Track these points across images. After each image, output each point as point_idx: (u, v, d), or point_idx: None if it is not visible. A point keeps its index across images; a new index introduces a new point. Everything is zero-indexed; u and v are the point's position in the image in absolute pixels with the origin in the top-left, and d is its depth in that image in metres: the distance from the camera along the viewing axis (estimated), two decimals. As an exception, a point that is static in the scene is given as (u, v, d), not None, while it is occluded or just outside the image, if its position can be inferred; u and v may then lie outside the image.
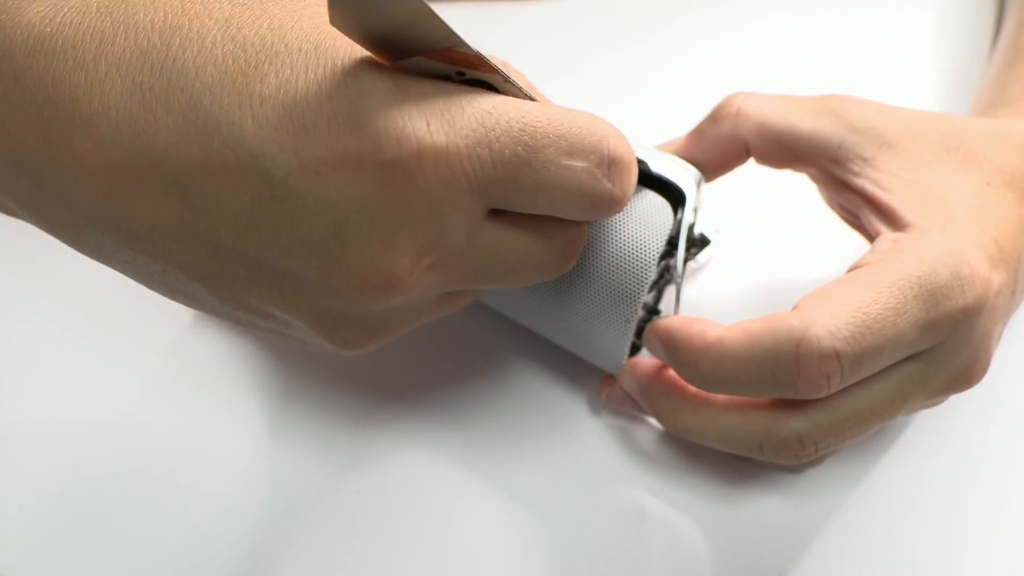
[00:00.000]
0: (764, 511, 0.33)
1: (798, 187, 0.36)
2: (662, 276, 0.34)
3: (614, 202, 0.26)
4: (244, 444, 0.34)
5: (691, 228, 0.33)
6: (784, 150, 0.33)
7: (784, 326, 0.27)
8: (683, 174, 0.32)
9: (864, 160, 0.31)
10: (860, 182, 0.31)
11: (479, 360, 0.36)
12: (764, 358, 0.27)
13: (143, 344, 0.37)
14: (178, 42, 0.22)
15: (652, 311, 0.36)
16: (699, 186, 0.33)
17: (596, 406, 0.35)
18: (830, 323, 0.27)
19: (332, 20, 0.21)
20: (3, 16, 0.22)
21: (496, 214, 0.25)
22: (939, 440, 0.34)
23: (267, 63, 0.22)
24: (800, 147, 0.32)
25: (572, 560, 0.32)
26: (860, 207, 0.31)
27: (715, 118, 0.34)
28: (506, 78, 0.25)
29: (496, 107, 0.24)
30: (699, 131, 0.35)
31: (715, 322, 0.30)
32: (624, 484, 0.34)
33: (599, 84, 0.44)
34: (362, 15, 0.21)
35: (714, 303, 0.38)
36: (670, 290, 0.36)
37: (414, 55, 0.23)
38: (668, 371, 0.33)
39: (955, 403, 0.33)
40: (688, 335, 0.30)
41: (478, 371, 0.36)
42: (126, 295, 0.37)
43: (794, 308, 0.28)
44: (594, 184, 0.25)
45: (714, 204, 0.39)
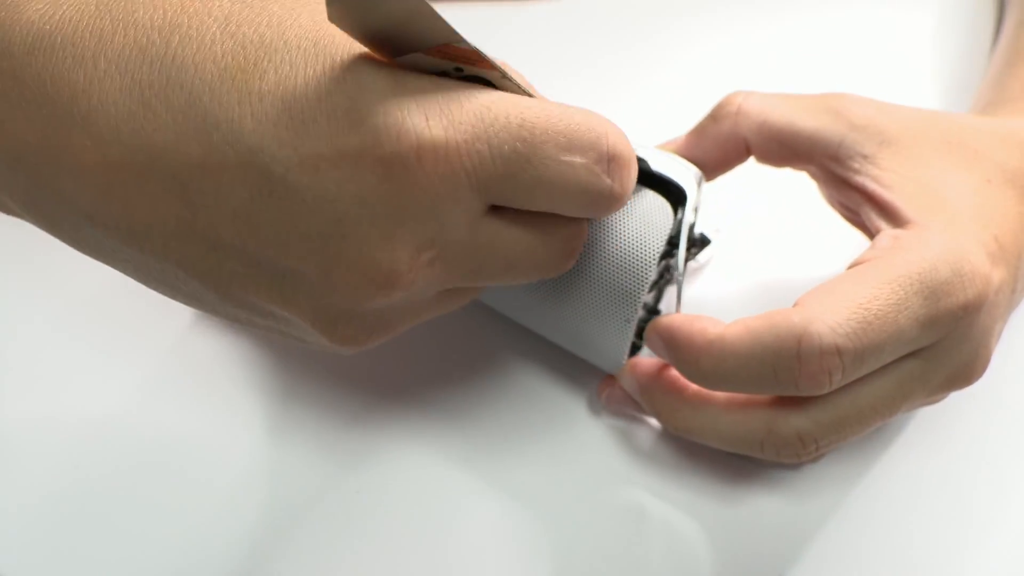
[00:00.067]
0: (764, 510, 0.33)
1: (798, 186, 0.36)
2: (662, 276, 0.34)
3: (614, 198, 0.26)
4: (244, 443, 0.34)
5: (691, 227, 0.33)
6: (784, 148, 0.33)
7: (785, 322, 0.27)
8: (684, 173, 0.32)
9: (864, 158, 0.31)
10: (861, 180, 0.31)
11: (479, 360, 0.36)
12: (765, 355, 0.27)
13: (143, 344, 0.36)
14: (177, 39, 0.22)
15: (652, 311, 0.36)
16: (700, 185, 0.33)
17: (596, 406, 0.35)
18: (831, 319, 0.27)
19: (331, 17, 0.21)
20: (2, 14, 0.22)
21: (496, 210, 0.25)
22: (939, 438, 0.34)
23: (266, 60, 0.22)
24: (800, 145, 0.32)
25: (572, 560, 0.32)
26: (861, 204, 0.31)
27: (715, 117, 0.34)
28: (504, 75, 0.25)
29: (495, 103, 0.24)
30: (699, 130, 0.35)
31: (716, 319, 0.30)
32: (624, 484, 0.33)
33: (599, 84, 0.44)
34: (360, 12, 0.21)
35: (715, 302, 0.38)
36: (670, 290, 0.36)
37: (412, 51, 0.23)
38: (668, 370, 0.33)
39: (955, 401, 0.33)
40: (689, 332, 0.30)
41: (478, 371, 0.36)
42: (125, 295, 0.37)
43: (795, 305, 0.28)
44: (593, 180, 0.25)
45: (714, 203, 0.39)
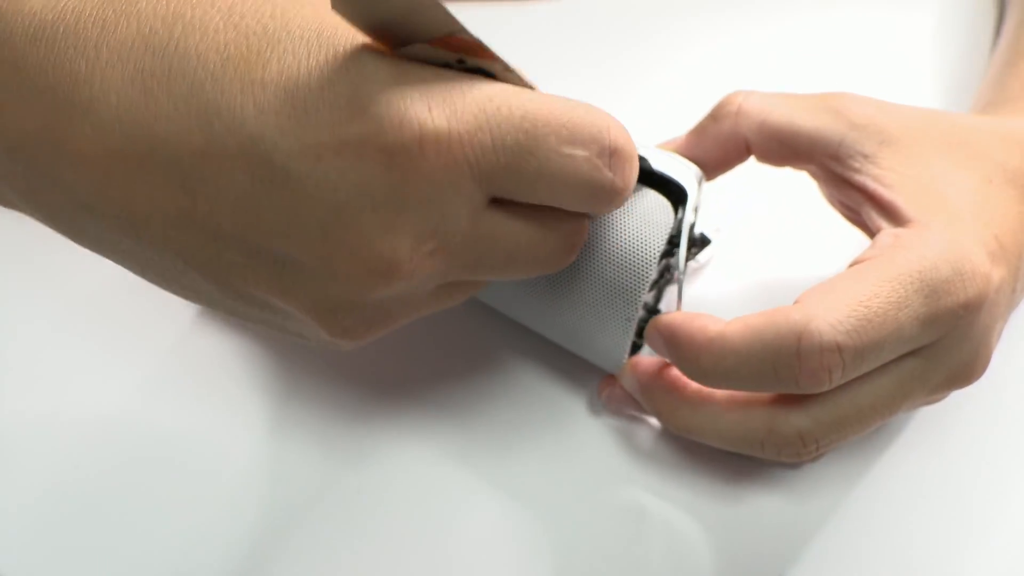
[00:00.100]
0: (764, 509, 0.33)
1: (798, 185, 0.36)
2: (662, 275, 0.34)
3: (615, 193, 0.26)
4: (244, 443, 0.34)
5: (692, 227, 0.33)
6: (785, 148, 0.33)
7: (786, 320, 0.27)
8: (684, 172, 0.32)
9: (865, 157, 0.31)
10: (861, 179, 0.31)
11: (479, 359, 0.36)
12: (765, 352, 0.27)
13: (143, 343, 0.36)
14: (180, 28, 0.22)
15: (652, 311, 0.36)
16: (700, 184, 0.33)
17: (596, 406, 0.35)
18: (831, 316, 0.27)
19: (334, 6, 0.21)
20: (4, 3, 0.22)
21: (497, 203, 0.25)
22: (940, 438, 0.34)
23: (269, 50, 0.22)
24: (801, 144, 0.32)
25: (572, 559, 0.32)
26: (861, 204, 0.31)
27: (715, 116, 0.34)
28: (506, 67, 0.25)
29: (498, 94, 0.24)
30: (700, 129, 0.35)
31: (717, 317, 0.30)
32: (624, 483, 0.33)
33: (600, 83, 0.44)
34: (364, 2, 0.21)
35: (715, 302, 0.38)
36: (671, 290, 0.36)
37: (415, 42, 0.23)
38: (669, 369, 0.33)
39: (956, 400, 0.33)
40: (689, 330, 0.30)
41: (478, 370, 0.36)
42: (125, 294, 0.37)
43: (795, 303, 0.28)
44: (595, 174, 0.25)
45: (715, 203, 0.39)
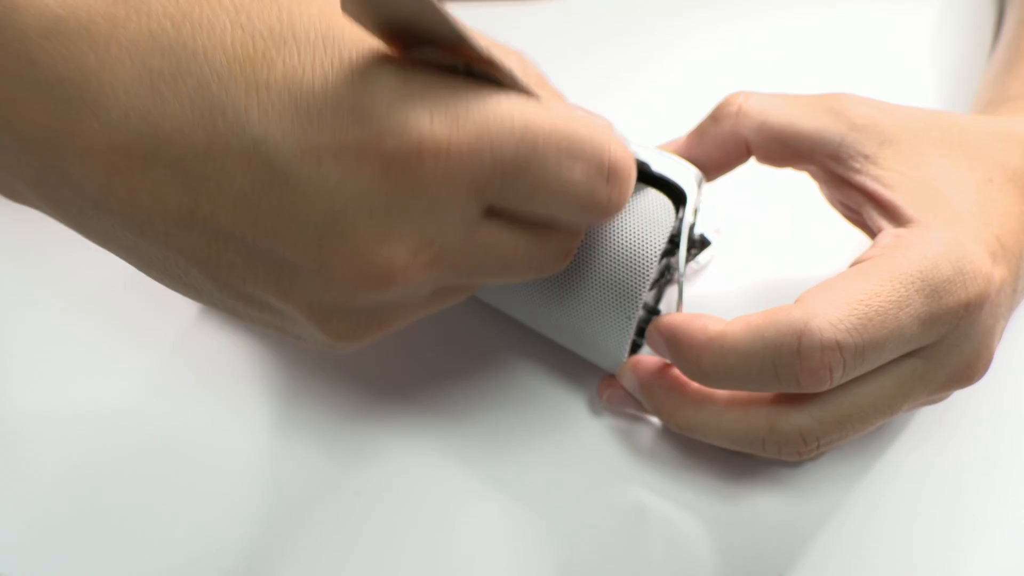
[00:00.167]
0: (765, 509, 0.33)
1: (799, 186, 0.36)
2: (663, 275, 0.35)
3: (610, 209, 0.27)
4: (245, 442, 0.34)
5: (691, 228, 0.33)
6: (785, 148, 0.33)
7: (786, 318, 0.27)
8: (684, 174, 0.32)
9: (865, 157, 0.31)
10: (862, 179, 0.31)
11: (480, 359, 0.36)
12: (766, 351, 0.27)
13: (145, 342, 0.37)
14: (189, 27, 0.22)
15: (652, 311, 0.36)
16: (700, 186, 0.33)
17: (596, 406, 0.35)
18: (832, 315, 0.27)
19: (344, 7, 0.22)
20: None
21: (494, 212, 0.26)
22: (941, 438, 0.34)
23: (275, 51, 0.22)
24: (801, 145, 0.32)
25: (572, 560, 0.32)
26: (862, 204, 0.31)
27: (716, 117, 0.34)
28: (513, 77, 0.24)
29: (501, 105, 0.24)
30: (700, 131, 0.35)
31: (717, 318, 0.30)
32: (624, 483, 0.33)
33: (600, 84, 0.44)
34: (374, 7, 0.22)
35: (716, 303, 0.38)
36: (671, 291, 0.36)
37: (424, 45, 0.23)
38: (669, 368, 0.33)
39: (957, 400, 0.33)
40: (690, 330, 0.30)
41: (479, 370, 0.36)
42: (128, 291, 0.37)
43: (796, 302, 0.28)
44: (592, 190, 0.26)
45: (715, 204, 0.39)
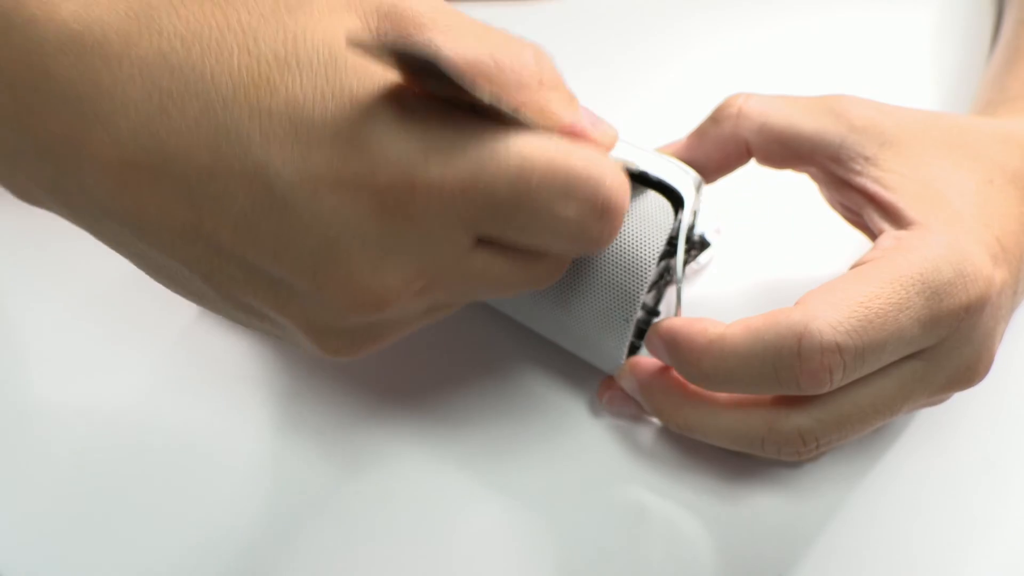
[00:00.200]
0: (764, 509, 0.33)
1: (799, 188, 0.36)
2: (662, 277, 0.34)
3: (601, 243, 0.27)
4: (246, 444, 0.34)
5: (691, 230, 0.33)
6: (785, 150, 0.33)
7: (786, 320, 0.27)
8: (683, 178, 0.32)
9: (866, 159, 0.31)
10: (862, 181, 0.31)
11: (480, 362, 0.36)
12: (766, 353, 0.27)
13: (150, 340, 0.37)
14: (198, 49, 0.23)
15: (651, 312, 0.36)
16: (699, 190, 0.33)
17: (596, 407, 0.35)
18: (832, 317, 0.27)
19: (349, 42, 0.22)
20: (38, 12, 0.23)
21: (486, 240, 0.26)
22: (941, 439, 0.34)
23: (278, 76, 0.23)
24: (801, 147, 0.32)
25: (572, 560, 0.32)
26: (863, 206, 0.31)
27: (716, 119, 0.34)
28: (516, 114, 0.24)
29: (498, 144, 0.24)
30: (700, 132, 0.35)
31: (717, 320, 0.30)
32: (624, 483, 0.34)
33: (601, 84, 0.44)
34: (379, 52, 0.22)
35: (715, 304, 0.38)
36: (670, 292, 0.36)
37: (429, 78, 0.23)
38: (668, 369, 0.33)
39: (957, 401, 0.33)
40: (689, 333, 0.30)
41: (479, 373, 0.36)
42: (132, 291, 0.37)
43: (796, 304, 0.28)
44: (584, 227, 0.26)
45: (714, 205, 0.39)
